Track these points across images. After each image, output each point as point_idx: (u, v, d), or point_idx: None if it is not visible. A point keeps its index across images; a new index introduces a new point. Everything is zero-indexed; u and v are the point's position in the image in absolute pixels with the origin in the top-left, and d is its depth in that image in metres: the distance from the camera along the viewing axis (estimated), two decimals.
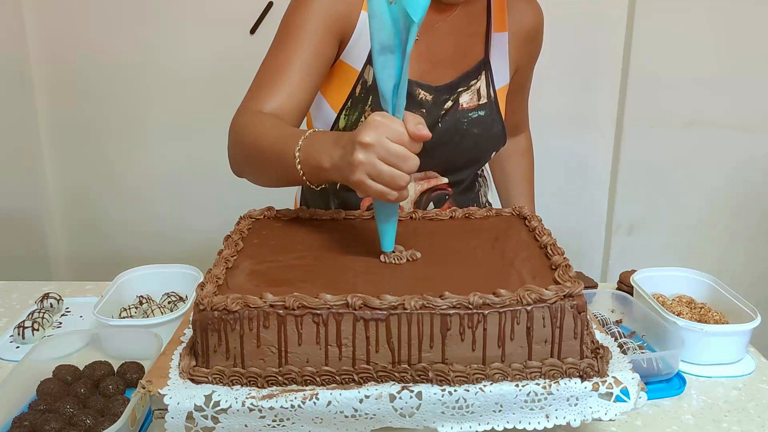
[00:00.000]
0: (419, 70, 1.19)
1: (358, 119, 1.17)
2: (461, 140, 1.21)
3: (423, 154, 1.05)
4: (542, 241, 0.96)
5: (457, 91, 1.21)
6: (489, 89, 1.23)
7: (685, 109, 2.14)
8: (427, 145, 1.13)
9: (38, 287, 1.36)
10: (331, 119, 1.19)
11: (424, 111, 1.19)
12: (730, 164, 2.18)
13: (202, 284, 0.82)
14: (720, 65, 2.09)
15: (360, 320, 0.77)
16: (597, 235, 2.30)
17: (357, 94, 1.17)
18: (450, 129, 1.20)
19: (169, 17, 2.13)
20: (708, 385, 1.06)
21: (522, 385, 0.78)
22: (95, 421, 0.89)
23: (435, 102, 1.19)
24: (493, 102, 1.23)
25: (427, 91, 1.19)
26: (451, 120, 1.20)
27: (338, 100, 1.18)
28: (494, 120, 1.24)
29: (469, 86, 1.22)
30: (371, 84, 1.16)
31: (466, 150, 1.23)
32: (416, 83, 1.18)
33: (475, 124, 1.21)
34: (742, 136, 2.15)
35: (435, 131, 1.18)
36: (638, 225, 2.23)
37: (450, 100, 1.20)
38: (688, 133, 2.16)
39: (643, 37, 2.07)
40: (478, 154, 1.25)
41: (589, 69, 2.14)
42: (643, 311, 1.15)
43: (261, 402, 0.76)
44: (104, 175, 2.29)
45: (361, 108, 1.17)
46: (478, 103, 1.22)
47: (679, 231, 2.24)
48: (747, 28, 2.07)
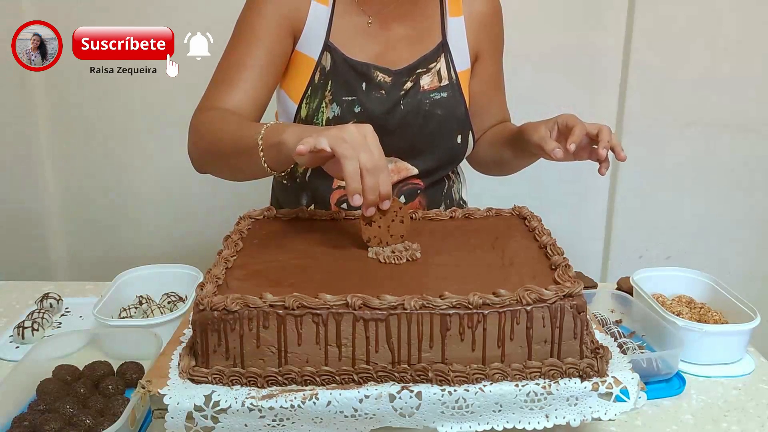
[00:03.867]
0: (374, 53, 1.22)
1: (318, 106, 1.20)
2: (425, 122, 1.23)
3: (388, 136, 1.13)
4: (542, 241, 0.96)
5: (416, 73, 1.23)
6: (450, 71, 1.25)
7: (685, 109, 2.14)
8: (391, 126, 1.19)
9: (38, 287, 1.36)
10: (293, 110, 1.22)
11: (383, 92, 1.21)
12: (730, 164, 2.17)
13: (201, 284, 0.82)
14: (720, 65, 2.09)
15: (360, 320, 0.77)
16: (597, 235, 2.30)
17: (316, 81, 1.20)
18: (412, 110, 1.22)
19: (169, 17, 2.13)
20: (707, 385, 1.06)
21: (522, 385, 0.78)
22: (95, 421, 0.89)
23: (394, 84, 1.22)
24: (455, 84, 1.25)
25: (385, 73, 1.22)
26: (413, 101, 1.22)
27: (298, 89, 1.21)
28: (457, 102, 1.25)
29: (428, 69, 1.24)
30: (329, 69, 1.20)
31: (431, 133, 1.24)
32: (373, 66, 1.21)
33: (437, 105, 1.23)
34: (742, 136, 2.15)
35: (397, 112, 1.21)
36: (638, 225, 2.23)
37: (410, 81, 1.22)
38: (688, 133, 2.15)
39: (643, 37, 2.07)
40: (444, 138, 1.26)
41: (589, 69, 2.14)
42: (643, 311, 1.15)
43: (261, 402, 0.76)
44: (104, 175, 2.28)
45: (321, 94, 1.20)
46: (440, 85, 1.24)
47: (679, 231, 2.24)
48: (747, 28, 2.07)
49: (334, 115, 1.19)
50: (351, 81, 1.20)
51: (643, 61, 2.08)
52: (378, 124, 1.15)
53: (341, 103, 1.19)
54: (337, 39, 1.21)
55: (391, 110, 1.21)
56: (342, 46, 1.21)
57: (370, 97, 1.20)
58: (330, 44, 1.20)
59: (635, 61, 2.09)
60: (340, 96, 1.19)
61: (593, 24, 2.09)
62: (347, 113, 1.19)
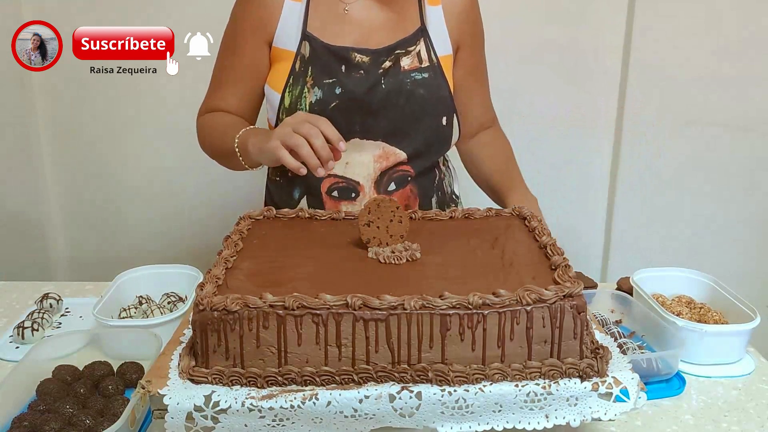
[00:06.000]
0: (353, 38, 1.25)
1: (301, 92, 1.22)
2: (407, 102, 1.24)
3: (372, 117, 1.23)
4: (542, 241, 0.96)
5: (395, 53, 1.25)
6: (430, 54, 1.26)
7: (685, 109, 2.14)
8: (374, 106, 1.23)
9: (38, 287, 1.36)
10: (277, 100, 1.25)
11: (362, 72, 1.23)
12: (730, 164, 2.17)
13: (201, 284, 0.82)
14: (720, 65, 2.09)
15: (360, 320, 0.77)
16: (597, 235, 2.29)
17: (297, 69, 1.24)
18: (394, 90, 1.23)
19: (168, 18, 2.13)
20: (707, 385, 1.06)
21: (522, 385, 0.78)
22: (95, 422, 0.89)
23: (373, 63, 1.24)
24: (436, 66, 1.26)
25: (363, 53, 1.24)
26: (394, 81, 1.23)
27: (280, 80, 1.25)
28: (440, 84, 1.26)
29: (407, 51, 1.26)
30: (309, 56, 1.23)
31: (414, 113, 1.25)
32: (352, 49, 1.24)
33: (419, 85, 1.24)
34: (742, 136, 2.15)
35: (378, 91, 1.23)
36: (638, 225, 2.23)
37: (389, 61, 1.24)
38: (688, 133, 2.15)
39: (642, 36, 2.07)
40: (428, 118, 1.26)
41: (588, 69, 2.14)
42: (643, 311, 1.15)
43: (261, 402, 0.76)
44: (104, 176, 2.28)
45: (303, 80, 1.23)
46: (420, 66, 1.25)
47: (679, 231, 2.24)
48: (747, 28, 2.07)
49: (316, 98, 1.21)
50: (331, 64, 1.22)
51: (643, 60, 2.08)
52: (361, 104, 1.22)
53: (322, 86, 1.21)
54: (314, 28, 1.24)
55: (372, 89, 1.22)
56: (320, 34, 1.24)
57: (350, 77, 1.22)
58: (308, 33, 1.23)
59: (635, 61, 2.09)
60: (321, 80, 1.21)
61: (593, 23, 2.09)
62: (329, 95, 1.21)
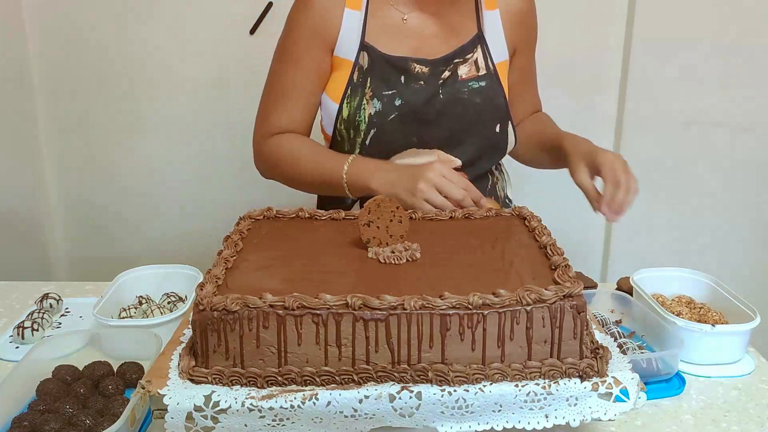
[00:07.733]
0: (411, 47, 1.25)
1: (360, 104, 1.22)
2: (464, 111, 1.24)
3: (428, 126, 1.24)
4: (542, 241, 0.96)
5: (453, 63, 1.25)
6: (487, 61, 1.27)
7: (685, 109, 2.14)
8: (431, 116, 1.24)
9: (38, 287, 1.36)
10: (334, 110, 1.24)
11: (422, 83, 1.23)
12: (730, 164, 2.17)
13: (201, 284, 0.82)
14: (720, 65, 2.09)
15: (360, 320, 0.77)
16: (597, 235, 2.30)
17: (355, 80, 1.23)
18: (451, 99, 1.23)
19: (169, 18, 2.13)
20: (707, 385, 1.06)
21: (521, 385, 0.78)
22: (95, 422, 0.89)
23: (432, 73, 1.24)
24: (493, 74, 1.27)
25: (422, 64, 1.24)
26: (451, 90, 1.23)
27: (338, 91, 1.24)
28: (496, 92, 1.26)
29: (465, 59, 1.26)
30: (367, 67, 1.22)
31: (470, 122, 1.25)
32: (410, 59, 1.24)
33: (476, 94, 1.25)
34: (742, 136, 2.15)
35: (436, 101, 1.23)
36: (638, 225, 2.23)
37: (447, 71, 1.24)
38: (688, 133, 2.15)
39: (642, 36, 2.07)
40: (483, 127, 1.27)
41: (588, 69, 2.14)
42: (643, 311, 1.15)
43: (261, 402, 0.76)
44: (104, 175, 2.29)
45: (361, 92, 1.23)
46: (477, 74, 1.25)
47: (679, 231, 2.24)
48: (747, 28, 2.07)
49: (375, 110, 1.22)
50: (389, 75, 1.23)
51: (643, 60, 2.08)
52: (418, 115, 1.22)
53: (382, 97, 1.21)
54: (372, 38, 1.24)
55: (431, 100, 1.23)
56: (378, 44, 1.23)
57: (409, 89, 1.22)
58: (366, 44, 1.23)
59: (635, 61, 2.09)
60: (380, 91, 1.22)
61: (594, 24, 2.09)
62: (388, 107, 1.21)
